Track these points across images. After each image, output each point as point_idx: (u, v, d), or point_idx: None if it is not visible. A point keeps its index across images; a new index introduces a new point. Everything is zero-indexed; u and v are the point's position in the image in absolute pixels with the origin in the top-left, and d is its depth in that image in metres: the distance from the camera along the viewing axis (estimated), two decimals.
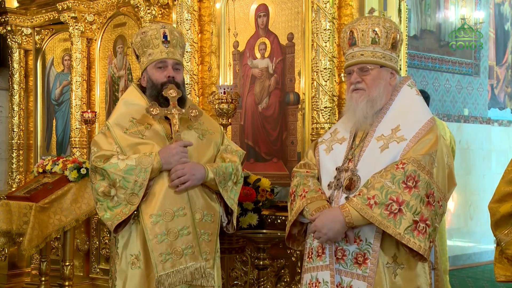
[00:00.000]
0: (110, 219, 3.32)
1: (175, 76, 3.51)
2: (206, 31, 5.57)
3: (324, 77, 4.55)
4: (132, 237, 3.37)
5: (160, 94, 3.45)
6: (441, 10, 9.17)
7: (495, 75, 10.40)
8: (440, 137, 2.96)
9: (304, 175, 3.17)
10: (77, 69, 6.61)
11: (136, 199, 3.29)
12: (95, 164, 3.33)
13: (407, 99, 3.06)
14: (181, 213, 3.33)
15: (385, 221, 2.78)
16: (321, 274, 2.99)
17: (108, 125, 3.44)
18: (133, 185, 3.27)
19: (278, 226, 4.81)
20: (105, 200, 3.33)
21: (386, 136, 2.96)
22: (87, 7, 6.61)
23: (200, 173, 3.37)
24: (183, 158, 3.35)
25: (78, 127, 6.58)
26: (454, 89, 9.26)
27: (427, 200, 2.80)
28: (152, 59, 3.50)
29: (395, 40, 3.05)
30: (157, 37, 3.50)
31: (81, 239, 6.51)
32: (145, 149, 3.37)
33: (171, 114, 3.42)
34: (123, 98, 3.61)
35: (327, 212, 2.92)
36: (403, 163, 2.82)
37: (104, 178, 3.31)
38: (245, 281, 5.08)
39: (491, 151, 9.89)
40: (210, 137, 3.59)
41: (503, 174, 2.96)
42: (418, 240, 2.76)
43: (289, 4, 5.06)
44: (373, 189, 2.82)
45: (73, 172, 5.63)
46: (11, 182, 7.27)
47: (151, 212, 3.30)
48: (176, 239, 3.31)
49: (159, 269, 3.27)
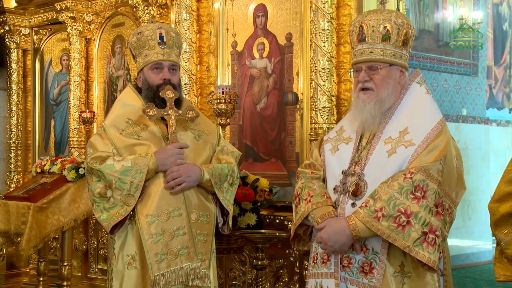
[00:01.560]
0: (106, 220, 3.31)
1: (171, 78, 3.50)
2: (205, 31, 5.57)
3: (323, 77, 4.54)
4: (128, 238, 3.37)
5: (157, 95, 3.44)
6: (440, 10, 9.17)
7: (493, 75, 10.40)
8: (450, 140, 2.88)
9: (309, 177, 3.08)
10: (75, 69, 6.60)
11: (132, 200, 3.29)
12: (91, 165, 3.33)
13: (416, 98, 2.96)
14: (177, 213, 3.33)
15: (393, 234, 2.70)
16: (326, 282, 2.93)
17: (104, 126, 3.44)
18: (129, 186, 3.27)
19: (277, 226, 4.80)
20: (102, 201, 3.32)
21: (394, 139, 2.87)
22: (85, 7, 6.60)
23: (195, 175, 3.37)
24: (179, 159, 3.35)
25: (76, 127, 6.57)
26: (453, 89, 9.26)
27: (436, 210, 2.73)
28: (148, 60, 3.49)
29: (406, 36, 2.93)
30: (153, 38, 3.49)
31: (79, 239, 6.50)
32: (141, 150, 3.37)
33: (167, 115, 3.42)
34: (120, 99, 3.61)
35: (333, 224, 2.84)
36: (411, 173, 2.74)
37: (100, 179, 3.31)
38: (243, 281, 5.07)
39: (489, 151, 9.89)
40: (206, 138, 3.59)
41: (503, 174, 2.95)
42: (428, 252, 2.69)
43: (288, 4, 5.06)
44: (380, 200, 2.73)
45: (71, 172, 5.63)
46: (9, 182, 7.26)
47: (147, 212, 3.30)
48: (171, 239, 3.30)
49: (154, 269, 3.26)
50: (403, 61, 2.96)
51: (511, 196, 2.87)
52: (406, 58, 2.99)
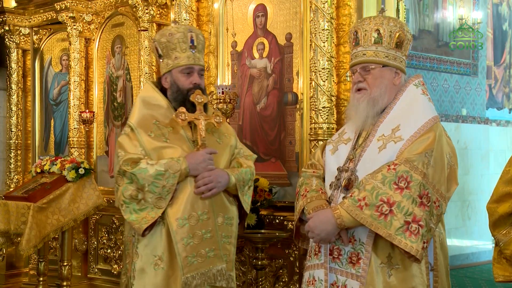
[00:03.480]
0: (137, 222, 3.36)
1: (200, 83, 3.56)
2: (204, 31, 5.57)
3: (323, 77, 4.54)
4: (155, 238, 3.41)
5: (187, 99, 3.50)
6: (439, 10, 9.17)
7: (493, 75, 10.40)
8: (441, 137, 2.94)
9: (309, 175, 3.22)
10: (75, 69, 6.60)
11: (163, 203, 3.36)
12: (124, 168, 3.37)
13: (411, 98, 3.05)
14: (205, 217, 3.42)
15: (375, 222, 2.79)
16: (317, 273, 3.03)
17: (132, 126, 3.48)
18: (161, 189, 3.34)
19: (277, 226, 4.81)
20: (132, 203, 3.38)
21: (386, 136, 2.97)
22: (85, 7, 6.60)
23: (224, 180, 3.47)
24: (210, 165, 3.43)
25: (76, 127, 6.57)
26: (452, 89, 9.27)
27: (420, 200, 2.79)
28: (179, 63, 3.52)
29: (400, 39, 3.05)
30: (184, 41, 3.52)
31: (79, 239, 6.51)
32: (169, 152, 3.43)
33: (198, 120, 3.48)
34: (142, 97, 3.63)
35: (320, 213, 2.96)
36: (395, 164, 2.83)
37: (132, 181, 3.36)
38: (243, 281, 5.08)
39: (489, 151, 9.89)
40: (226, 140, 3.68)
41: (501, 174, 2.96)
42: (410, 241, 2.75)
43: (287, 4, 5.06)
44: (364, 190, 2.83)
45: (71, 172, 5.63)
46: (9, 182, 7.26)
47: (177, 215, 3.37)
48: (200, 242, 3.39)
49: (185, 271, 3.35)
50: (398, 62, 3.07)
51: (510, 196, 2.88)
52: (402, 60, 3.10)
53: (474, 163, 9.45)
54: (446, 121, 9.02)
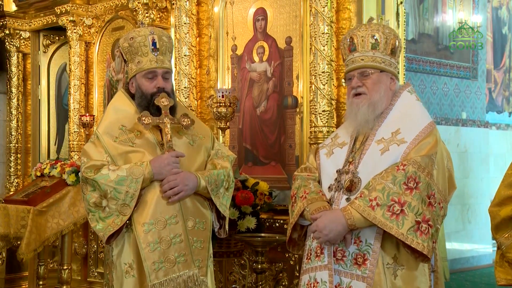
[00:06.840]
0: (102, 230, 3.28)
1: (165, 86, 3.45)
2: (205, 34, 5.57)
3: (322, 81, 4.55)
4: (125, 246, 3.34)
5: (151, 103, 3.40)
6: (439, 14, 9.19)
7: (493, 79, 10.42)
8: (440, 141, 2.99)
9: (305, 178, 3.20)
10: (75, 72, 6.61)
11: (127, 210, 3.26)
12: (86, 175, 3.29)
13: (407, 104, 3.10)
14: (173, 221, 3.31)
15: (388, 222, 2.80)
16: (320, 274, 2.99)
17: (98, 134, 3.40)
18: (125, 195, 3.24)
19: (276, 229, 4.81)
20: (97, 211, 3.30)
21: (386, 139, 2.99)
22: (85, 10, 6.61)
23: (192, 183, 3.34)
24: (175, 168, 3.31)
25: (76, 131, 6.58)
26: (452, 92, 9.27)
27: (429, 201, 2.83)
28: (141, 68, 3.43)
29: (394, 46, 3.09)
30: (145, 44, 3.42)
31: (79, 242, 6.49)
32: (136, 157, 3.34)
33: (163, 123, 3.38)
34: (112, 104, 3.56)
35: (329, 213, 2.94)
36: (403, 165, 2.86)
37: (95, 189, 3.28)
38: (243, 285, 5.07)
39: (489, 154, 9.90)
40: (201, 142, 3.55)
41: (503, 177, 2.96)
42: (422, 240, 2.78)
43: (287, 8, 5.06)
44: (374, 190, 2.84)
45: (71, 176, 5.62)
46: (9, 186, 7.26)
47: (143, 220, 3.28)
48: (168, 247, 3.28)
49: (152, 278, 3.24)
50: (393, 69, 3.12)
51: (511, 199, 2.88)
52: (396, 67, 3.16)
53: (474, 166, 9.45)
54: (446, 125, 9.02)
